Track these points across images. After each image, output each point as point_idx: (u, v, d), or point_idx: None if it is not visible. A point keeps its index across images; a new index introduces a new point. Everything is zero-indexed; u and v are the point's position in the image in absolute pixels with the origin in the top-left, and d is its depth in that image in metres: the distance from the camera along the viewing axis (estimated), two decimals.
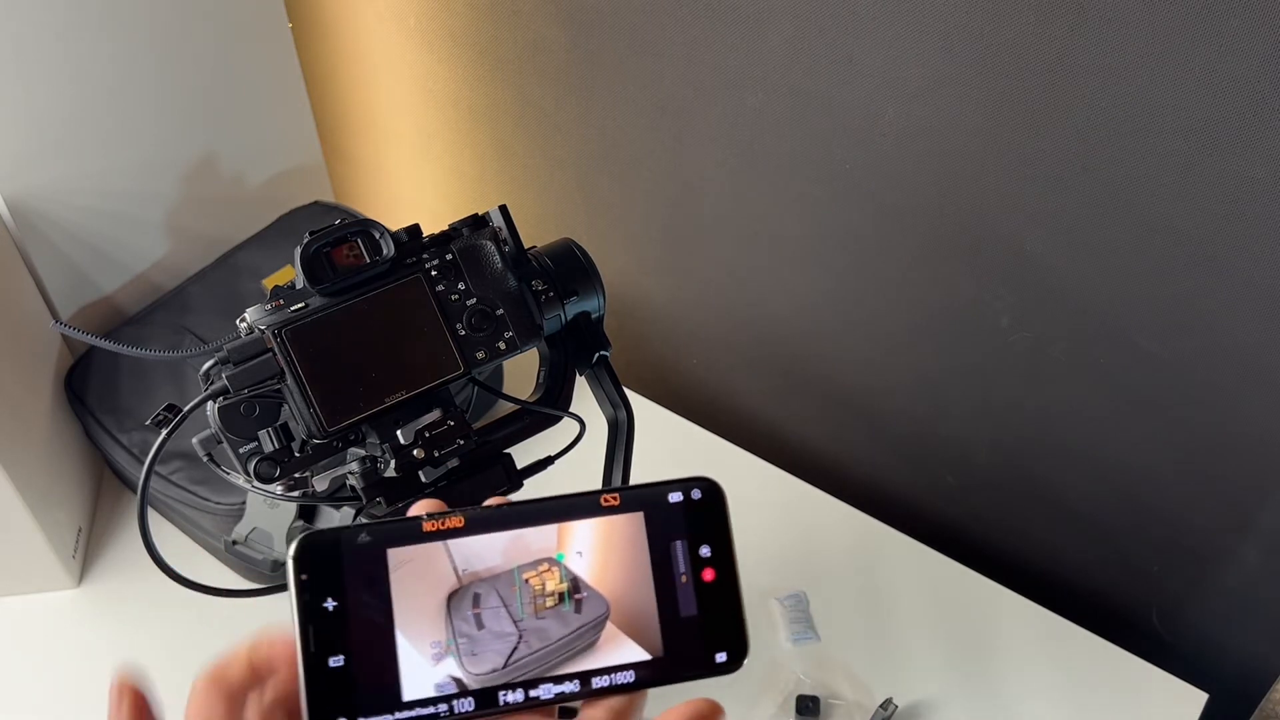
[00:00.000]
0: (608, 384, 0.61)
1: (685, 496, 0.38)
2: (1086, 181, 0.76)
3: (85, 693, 0.85)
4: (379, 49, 1.17)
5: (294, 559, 0.35)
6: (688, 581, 0.37)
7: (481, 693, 0.34)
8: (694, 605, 0.36)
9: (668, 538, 0.37)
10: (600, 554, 0.36)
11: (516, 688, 0.35)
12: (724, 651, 0.36)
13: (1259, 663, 0.93)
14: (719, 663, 0.36)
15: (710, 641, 0.36)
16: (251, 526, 0.67)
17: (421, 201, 1.31)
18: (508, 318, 0.54)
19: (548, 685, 0.35)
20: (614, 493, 0.37)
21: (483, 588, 0.36)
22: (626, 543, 0.37)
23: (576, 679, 0.35)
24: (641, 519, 0.37)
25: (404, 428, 0.52)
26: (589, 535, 0.36)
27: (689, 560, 0.37)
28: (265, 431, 0.50)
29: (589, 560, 0.36)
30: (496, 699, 0.34)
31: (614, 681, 0.35)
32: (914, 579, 0.95)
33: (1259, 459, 0.82)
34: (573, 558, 0.36)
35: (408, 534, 0.35)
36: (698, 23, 0.88)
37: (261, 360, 0.49)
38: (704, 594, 0.37)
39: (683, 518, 0.37)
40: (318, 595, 0.34)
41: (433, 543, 0.35)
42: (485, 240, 0.54)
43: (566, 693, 0.35)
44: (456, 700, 0.34)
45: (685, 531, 0.37)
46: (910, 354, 0.98)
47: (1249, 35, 0.63)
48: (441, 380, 0.52)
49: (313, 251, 0.49)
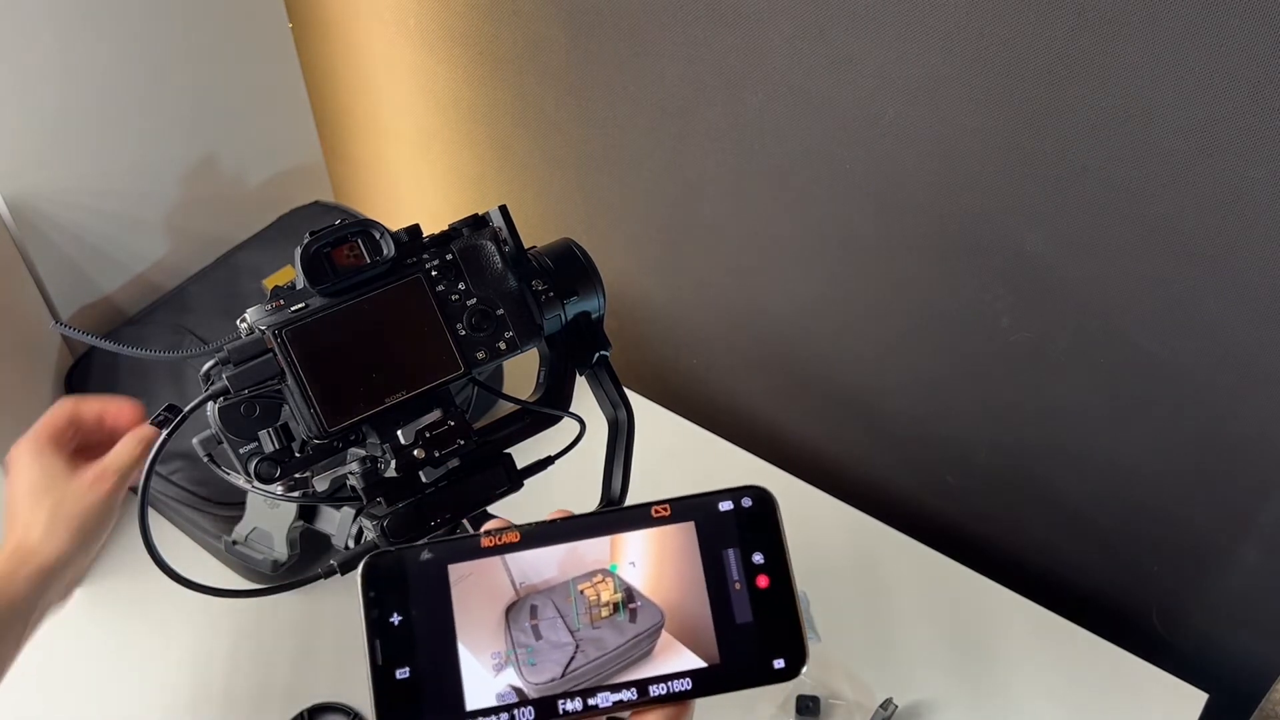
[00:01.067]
0: (608, 384, 0.61)
1: (736, 505, 0.38)
2: (1086, 181, 0.76)
3: (85, 692, 0.85)
4: (379, 49, 1.17)
5: (362, 576, 0.36)
6: (742, 589, 0.37)
7: (541, 701, 0.35)
8: (749, 612, 0.37)
9: (720, 546, 0.37)
10: (653, 564, 0.37)
11: (575, 696, 0.36)
12: (781, 658, 0.37)
13: (1259, 663, 0.93)
14: (776, 669, 0.37)
15: (767, 648, 0.37)
16: (251, 526, 0.67)
17: (421, 201, 1.31)
18: (508, 318, 0.54)
19: (605, 694, 0.36)
20: (665, 504, 0.38)
21: (539, 599, 0.37)
22: (679, 552, 0.37)
23: (634, 687, 0.36)
24: (693, 528, 0.38)
25: (404, 428, 0.52)
26: (641, 546, 0.37)
27: (742, 568, 0.37)
28: (265, 432, 0.50)
29: (642, 570, 0.37)
30: (556, 708, 0.35)
31: (671, 689, 0.36)
32: (914, 579, 0.95)
33: (1259, 459, 0.82)
34: (626, 568, 0.37)
35: (467, 550, 0.37)
36: (698, 23, 0.88)
37: (262, 361, 0.49)
38: (759, 601, 0.37)
39: (734, 526, 0.38)
40: (385, 610, 0.36)
41: (491, 557, 0.37)
42: (485, 240, 0.54)
43: (624, 700, 0.36)
44: (517, 709, 0.35)
45: (737, 539, 0.38)
46: (910, 354, 0.98)
47: (1249, 35, 0.63)
48: (442, 380, 0.52)
49: (313, 252, 0.49)
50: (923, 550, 0.97)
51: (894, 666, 0.87)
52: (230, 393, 0.48)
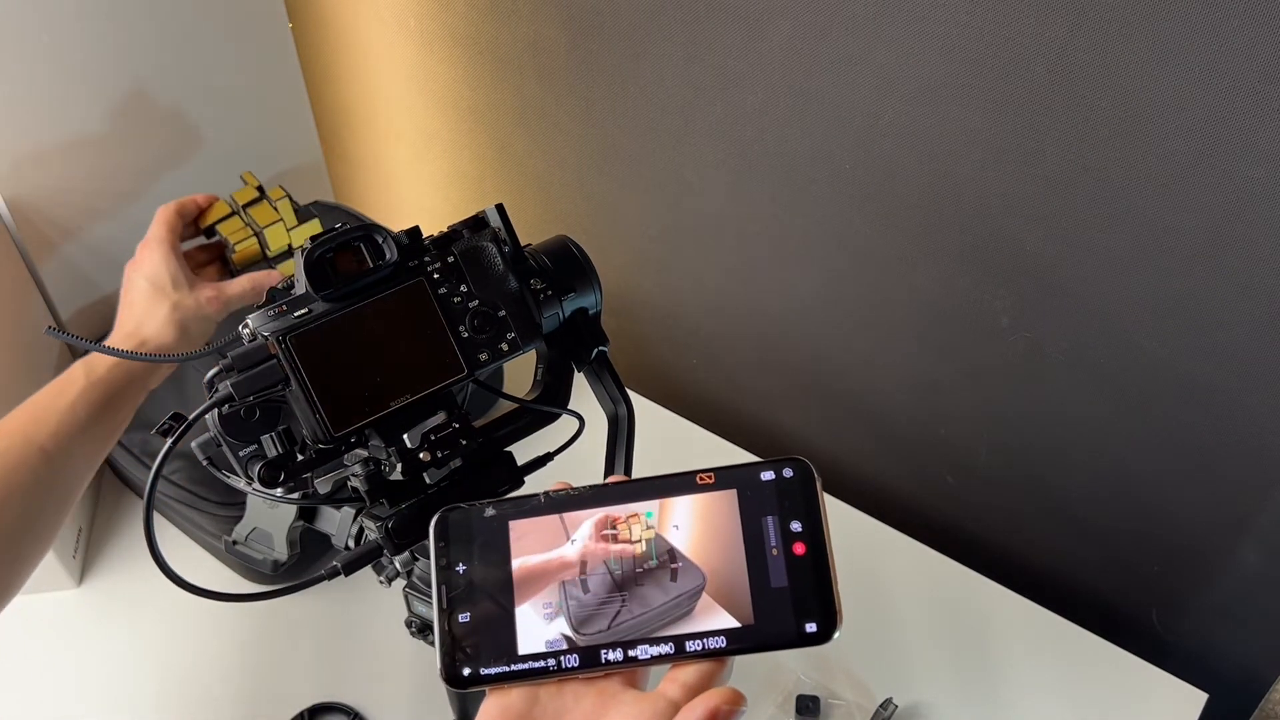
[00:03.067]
0: (607, 380, 0.61)
1: (777, 475, 0.40)
2: (1086, 181, 0.76)
3: (85, 693, 0.85)
4: (379, 49, 1.17)
5: (434, 528, 0.40)
6: (779, 555, 0.39)
7: (586, 650, 0.39)
8: (785, 577, 0.39)
9: (759, 513, 0.40)
10: (695, 527, 0.40)
11: (617, 647, 0.38)
12: (814, 622, 0.38)
13: (1259, 663, 0.93)
14: (809, 633, 0.38)
15: (800, 612, 0.38)
16: (251, 526, 0.67)
17: (421, 201, 1.31)
18: (510, 319, 0.54)
19: (645, 646, 0.38)
20: (710, 472, 0.40)
21: (591, 554, 0.40)
22: (720, 517, 0.40)
23: (671, 642, 0.38)
24: (734, 496, 0.40)
25: (410, 431, 0.52)
26: (686, 510, 0.40)
27: (780, 535, 0.39)
28: (268, 436, 0.50)
29: (685, 533, 0.40)
30: (599, 656, 0.38)
31: (706, 646, 0.38)
32: (914, 579, 0.95)
33: (1259, 459, 0.82)
34: (670, 531, 0.40)
35: (528, 509, 0.40)
36: (698, 23, 0.88)
37: (266, 367, 0.48)
38: (794, 567, 0.39)
39: (774, 495, 0.40)
40: (452, 560, 0.40)
41: (548, 515, 0.40)
42: (486, 242, 0.54)
43: (662, 654, 0.38)
44: (564, 656, 0.38)
45: (776, 508, 0.40)
46: (910, 354, 0.98)
47: (1249, 35, 0.63)
48: (445, 383, 0.52)
49: (315, 257, 0.49)
50: (923, 550, 0.97)
51: (894, 666, 0.87)
52: (235, 399, 0.48)
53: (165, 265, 0.72)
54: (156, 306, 0.71)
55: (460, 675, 0.38)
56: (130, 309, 0.72)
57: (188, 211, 0.78)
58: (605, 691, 0.39)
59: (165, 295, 0.71)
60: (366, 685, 0.86)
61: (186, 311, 0.72)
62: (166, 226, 0.74)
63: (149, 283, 0.72)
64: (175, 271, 0.72)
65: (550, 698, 0.39)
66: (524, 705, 0.39)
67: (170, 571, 0.51)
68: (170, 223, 0.75)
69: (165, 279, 0.72)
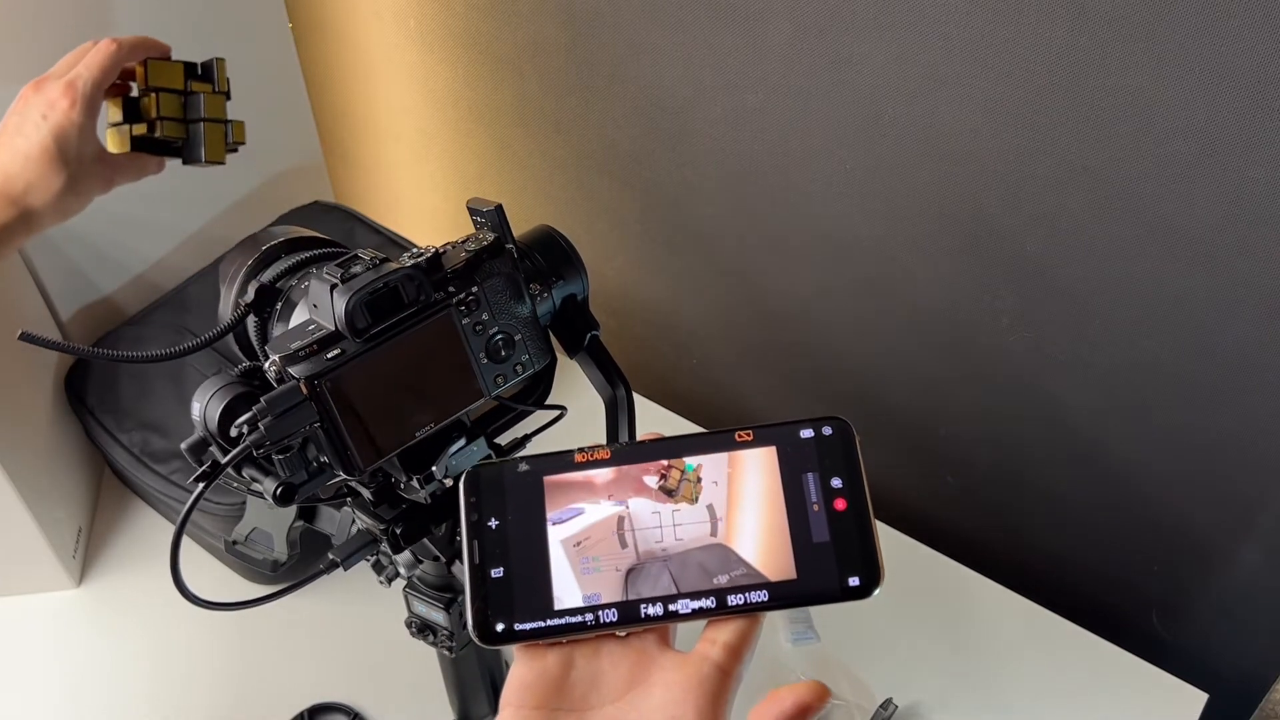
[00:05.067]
0: (602, 364, 0.61)
1: (816, 433, 0.40)
2: (1086, 181, 0.76)
3: (85, 693, 0.85)
4: (379, 49, 1.17)
5: (465, 483, 0.39)
6: (820, 510, 0.39)
7: (625, 605, 0.37)
8: (826, 532, 0.38)
9: (800, 470, 0.39)
10: (735, 483, 0.39)
11: (657, 602, 0.37)
12: (856, 576, 0.38)
13: (1259, 663, 0.93)
14: (852, 587, 0.38)
15: (843, 567, 0.38)
16: (251, 526, 0.67)
17: (421, 201, 1.31)
18: (525, 341, 0.54)
19: (686, 600, 0.37)
20: (748, 429, 0.40)
21: (627, 510, 0.39)
22: (760, 473, 0.39)
23: (713, 596, 0.37)
24: (774, 452, 0.39)
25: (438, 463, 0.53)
26: (724, 466, 0.39)
27: (821, 491, 0.39)
28: (282, 459, 0.50)
29: (724, 489, 0.39)
30: (639, 611, 0.37)
31: (748, 600, 0.38)
32: (914, 579, 0.95)
33: (1259, 459, 0.82)
34: (709, 487, 0.39)
35: (562, 465, 0.40)
36: (698, 23, 0.88)
37: (301, 411, 0.48)
38: (836, 522, 0.38)
39: (815, 452, 0.39)
40: (484, 515, 0.39)
41: (583, 471, 0.39)
42: (505, 268, 0.54)
43: (703, 608, 0.37)
44: (602, 610, 0.37)
45: (817, 464, 0.39)
46: (910, 354, 0.98)
47: (1249, 35, 0.63)
48: (466, 409, 0.53)
49: (352, 306, 0.48)
50: (923, 550, 0.97)
51: (894, 666, 0.87)
52: (267, 443, 0.48)
53: (78, 132, 0.63)
54: (52, 176, 0.62)
55: (493, 631, 0.37)
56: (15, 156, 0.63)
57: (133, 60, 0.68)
58: (643, 653, 0.38)
59: (65, 166, 0.63)
60: (366, 685, 0.86)
61: (79, 193, 0.64)
62: (104, 77, 0.64)
63: (54, 142, 0.62)
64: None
65: (586, 661, 0.38)
66: (559, 670, 0.37)
67: (189, 593, 0.51)
68: (108, 76, 0.65)
69: (72, 146, 0.62)
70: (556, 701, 0.37)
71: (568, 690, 0.37)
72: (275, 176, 1.11)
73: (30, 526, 0.85)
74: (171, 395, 0.92)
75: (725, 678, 0.37)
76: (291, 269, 0.57)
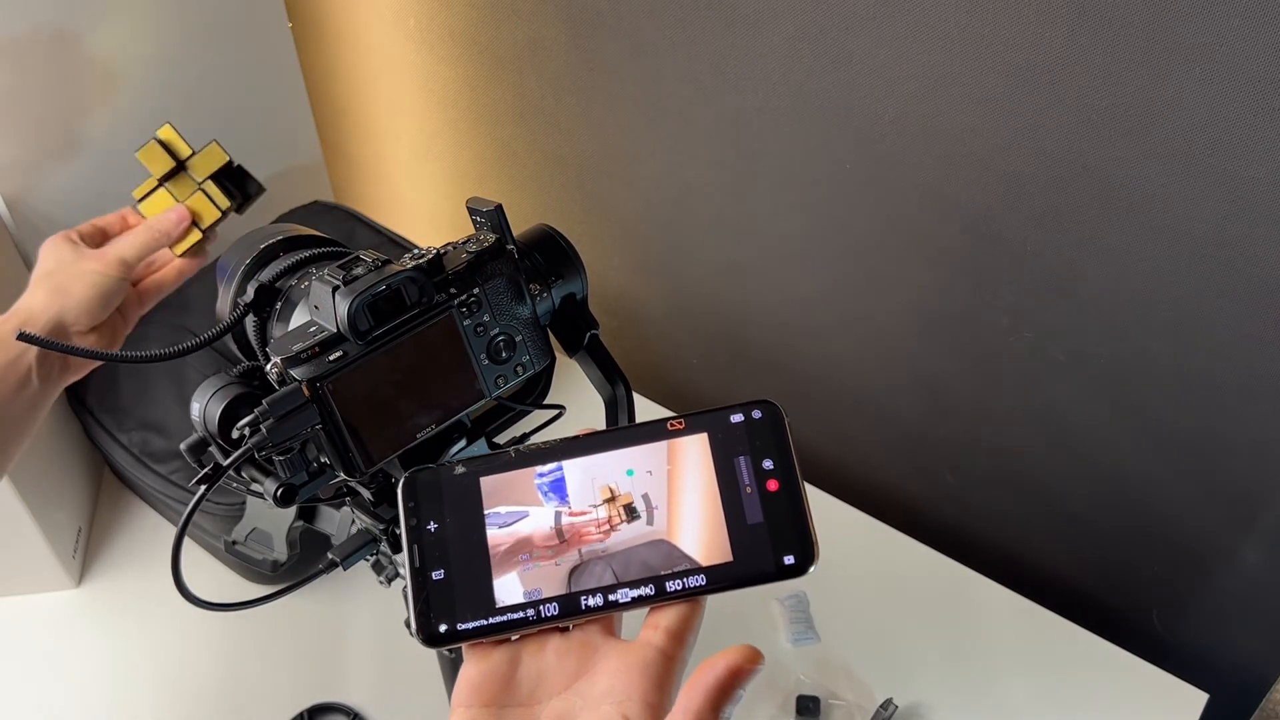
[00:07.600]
0: (601, 363, 0.61)
1: (746, 417, 0.40)
2: (1086, 181, 0.76)
3: (85, 693, 0.85)
4: (379, 49, 1.17)
5: (402, 490, 0.40)
6: (753, 492, 0.39)
7: (565, 598, 0.38)
8: (760, 514, 0.39)
9: (732, 454, 0.40)
10: (669, 471, 0.40)
11: (597, 593, 0.38)
12: (791, 555, 0.38)
13: (1259, 663, 0.93)
14: (788, 565, 0.38)
15: (778, 546, 0.39)
16: (251, 527, 0.67)
17: (421, 201, 1.31)
18: (525, 342, 0.54)
19: (625, 590, 0.38)
20: (680, 418, 0.41)
21: (565, 507, 0.40)
22: (693, 460, 0.40)
23: (652, 583, 0.38)
24: (706, 439, 0.40)
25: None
26: (658, 456, 0.40)
27: (753, 473, 0.40)
28: (283, 460, 0.50)
29: (659, 478, 0.40)
30: (579, 603, 0.38)
31: (686, 585, 0.38)
32: (914, 579, 0.95)
33: (1259, 459, 0.82)
34: (643, 476, 0.40)
35: (499, 465, 0.40)
36: (698, 23, 0.88)
37: (303, 413, 0.48)
38: (769, 503, 0.39)
39: (745, 436, 0.40)
40: (422, 519, 0.39)
41: (520, 470, 0.40)
42: (506, 269, 0.54)
43: (643, 595, 0.38)
44: (543, 605, 0.38)
45: (748, 448, 0.40)
46: (910, 354, 0.98)
47: (1249, 35, 0.63)
48: (467, 410, 0.53)
49: (355, 309, 0.48)
50: (923, 550, 0.97)
51: (894, 666, 0.87)
52: (269, 445, 0.48)
53: (51, 252, 0.70)
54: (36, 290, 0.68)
55: (436, 633, 0.38)
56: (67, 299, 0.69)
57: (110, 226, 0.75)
58: (588, 645, 0.38)
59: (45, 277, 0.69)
60: (366, 685, 0.86)
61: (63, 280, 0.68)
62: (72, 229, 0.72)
63: (37, 273, 0.69)
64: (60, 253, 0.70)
65: (532, 657, 0.38)
66: (506, 668, 0.38)
67: (190, 594, 0.51)
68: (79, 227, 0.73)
69: (49, 264, 0.69)
70: (505, 699, 0.37)
71: (515, 687, 0.38)
72: (275, 176, 1.11)
73: (30, 527, 0.85)
74: (171, 395, 0.92)
75: (669, 662, 0.37)
76: (290, 268, 0.57)
